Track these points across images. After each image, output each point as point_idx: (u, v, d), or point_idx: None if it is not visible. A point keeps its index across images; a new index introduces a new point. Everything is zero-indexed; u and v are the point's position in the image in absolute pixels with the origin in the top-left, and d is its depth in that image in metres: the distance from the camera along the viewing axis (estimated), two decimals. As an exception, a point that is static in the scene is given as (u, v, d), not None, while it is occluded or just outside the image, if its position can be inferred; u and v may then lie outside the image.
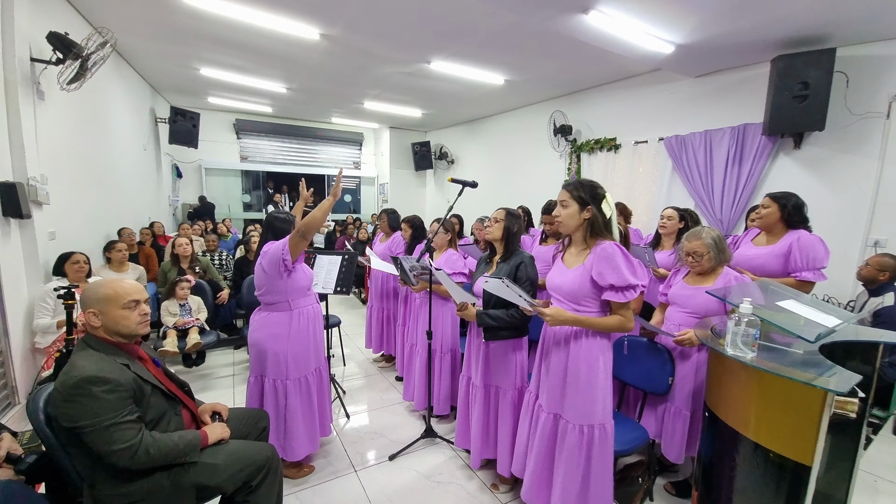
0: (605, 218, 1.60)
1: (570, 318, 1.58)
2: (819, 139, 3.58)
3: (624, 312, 1.57)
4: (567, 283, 1.64)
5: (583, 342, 1.62)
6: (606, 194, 1.63)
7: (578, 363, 1.61)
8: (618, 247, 1.55)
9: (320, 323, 2.27)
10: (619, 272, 1.50)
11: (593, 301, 1.61)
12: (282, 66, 5.07)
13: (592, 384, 1.60)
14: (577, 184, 1.62)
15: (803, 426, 1.12)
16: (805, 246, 2.21)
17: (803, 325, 1.28)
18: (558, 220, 1.66)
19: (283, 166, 9.44)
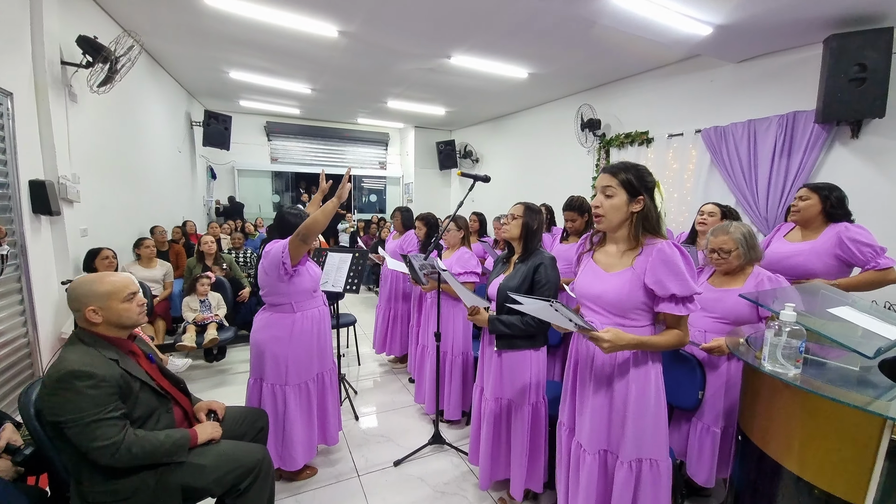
0: (658, 211, 1.32)
1: (632, 341, 1.27)
2: (880, 127, 3.18)
3: (683, 327, 1.30)
4: (611, 291, 1.34)
5: (637, 370, 1.35)
6: (658, 182, 1.34)
7: (631, 392, 1.35)
8: (677, 247, 1.26)
9: (327, 325, 2.19)
10: (682, 280, 1.22)
11: (644, 314, 1.33)
12: (305, 66, 5.12)
13: (648, 415, 1.34)
14: (623, 167, 1.32)
15: (856, 458, 0.91)
16: (859, 235, 1.99)
17: (860, 336, 1.07)
18: (599, 213, 1.34)
19: (312, 167, 9.62)
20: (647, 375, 1.34)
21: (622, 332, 1.27)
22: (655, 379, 1.36)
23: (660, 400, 1.36)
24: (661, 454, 1.36)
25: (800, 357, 1.02)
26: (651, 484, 1.35)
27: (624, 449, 1.35)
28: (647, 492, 1.34)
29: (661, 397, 1.37)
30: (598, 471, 1.40)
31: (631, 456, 1.35)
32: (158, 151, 5.30)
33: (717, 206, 2.79)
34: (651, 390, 1.34)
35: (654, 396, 1.35)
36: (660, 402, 1.36)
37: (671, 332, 1.31)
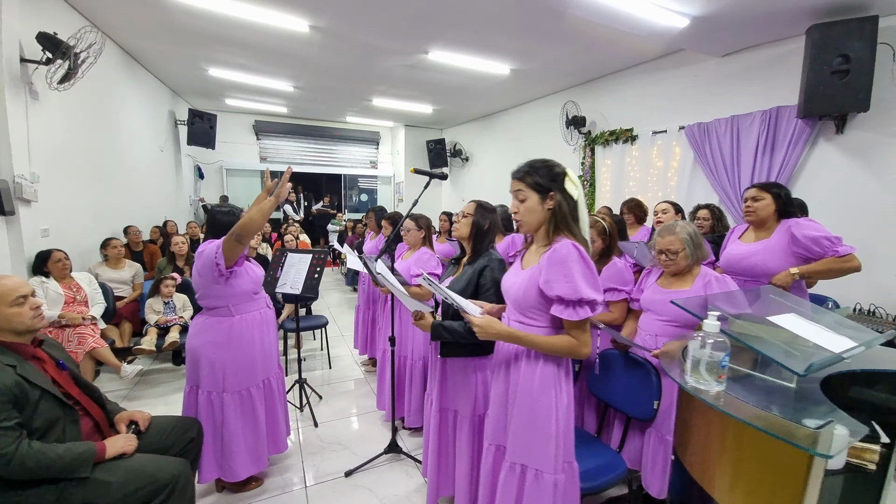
0: (574, 202, 1.27)
1: (504, 332, 1.26)
2: (865, 122, 3.06)
3: (577, 334, 1.21)
4: (514, 287, 1.32)
5: (522, 366, 1.30)
6: (568, 171, 1.28)
7: (517, 390, 1.31)
8: (575, 248, 1.20)
9: (271, 329, 2.09)
10: (570, 281, 1.17)
11: (542, 314, 1.27)
12: (284, 62, 5.03)
13: (528, 418, 1.28)
14: (527, 168, 1.28)
15: (784, 492, 0.80)
16: (811, 228, 1.93)
17: (796, 348, 0.96)
18: (517, 218, 1.31)
19: (303, 166, 9.53)
20: (536, 376, 1.27)
21: (496, 322, 1.27)
22: (545, 382, 1.26)
23: (548, 406, 1.26)
24: (547, 466, 1.26)
25: (723, 372, 0.91)
26: (532, 496, 1.26)
27: (511, 447, 1.32)
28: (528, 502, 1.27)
29: (552, 404, 1.26)
30: (491, 463, 1.39)
31: (516, 458, 1.30)
32: (137, 150, 5.22)
33: (670, 204, 2.69)
34: (537, 392, 1.26)
35: (542, 400, 1.26)
36: (547, 408, 1.26)
37: (561, 337, 1.23)
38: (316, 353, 4.05)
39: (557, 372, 1.28)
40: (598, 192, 5.33)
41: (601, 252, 2.15)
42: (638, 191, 4.72)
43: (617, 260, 2.12)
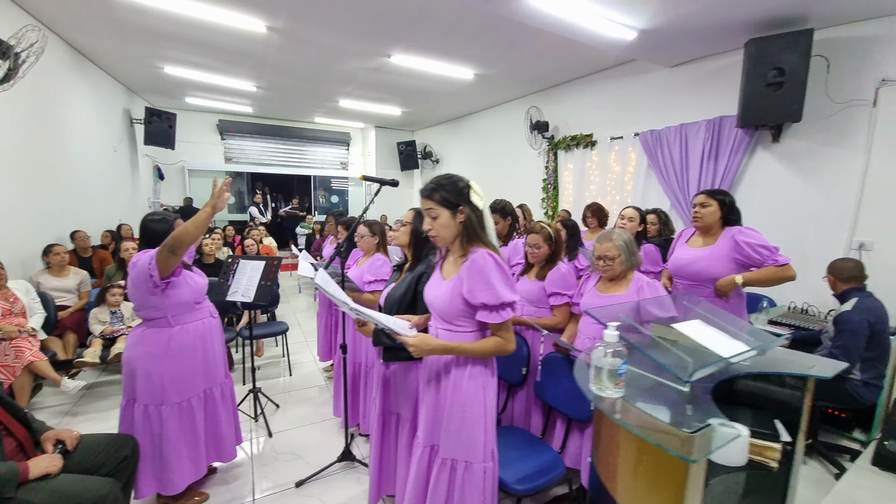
0: (480, 211, 1.34)
1: (438, 346, 1.31)
2: (799, 131, 3.27)
3: (503, 334, 1.31)
4: (439, 297, 1.38)
5: (452, 373, 1.36)
6: (471, 183, 1.36)
7: (455, 398, 1.36)
8: (490, 256, 1.29)
9: (215, 339, 2.04)
10: (491, 289, 1.25)
11: (468, 320, 1.35)
12: (243, 62, 4.91)
13: (460, 416, 1.35)
14: (433, 185, 1.35)
15: (667, 492, 0.86)
16: (752, 237, 2.05)
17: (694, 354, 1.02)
18: (432, 234, 1.38)
19: (271, 167, 9.33)
20: (464, 379, 1.35)
21: (430, 338, 1.33)
22: (473, 384, 1.34)
23: (477, 404, 1.35)
24: (476, 457, 1.36)
25: (620, 380, 0.97)
26: (464, 485, 1.35)
27: (444, 445, 1.38)
28: (460, 491, 1.35)
29: (481, 402, 1.35)
30: (426, 463, 1.44)
31: (448, 454, 1.37)
32: (86, 150, 4.97)
33: (636, 211, 2.79)
34: (467, 393, 1.34)
35: (471, 399, 1.35)
36: (476, 405, 1.35)
37: (490, 339, 1.32)
38: (278, 360, 3.98)
39: (484, 371, 1.37)
40: (562, 195, 5.46)
41: (547, 257, 2.21)
42: (598, 194, 4.86)
43: (561, 265, 2.19)
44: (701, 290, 2.22)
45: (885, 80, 2.88)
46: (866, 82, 2.96)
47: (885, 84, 2.89)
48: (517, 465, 1.68)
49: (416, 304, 1.70)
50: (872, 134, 2.96)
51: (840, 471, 2.32)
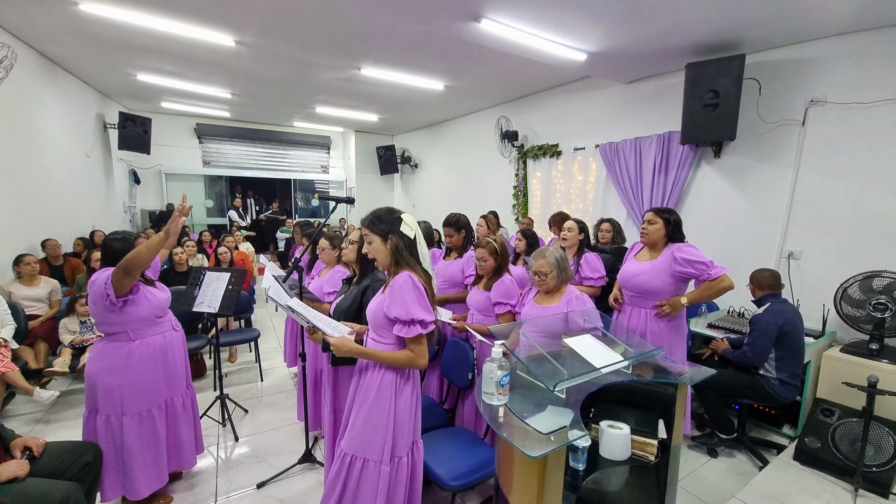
0: (410, 240, 1.52)
1: (354, 349, 1.50)
2: (737, 148, 3.52)
3: (414, 348, 1.46)
4: (371, 311, 1.57)
5: (368, 374, 1.54)
6: (403, 215, 1.55)
7: (364, 398, 1.53)
8: (410, 278, 1.46)
9: (176, 351, 2.15)
10: (404, 305, 1.42)
11: (388, 333, 1.51)
12: (215, 71, 4.98)
13: (365, 416, 1.51)
14: (372, 218, 1.55)
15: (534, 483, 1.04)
16: (688, 253, 2.23)
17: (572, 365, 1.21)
18: (370, 257, 1.57)
19: (250, 171, 9.34)
20: (376, 382, 1.51)
21: (348, 341, 1.52)
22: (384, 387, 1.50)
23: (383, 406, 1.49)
24: (374, 456, 1.50)
25: (503, 389, 1.15)
26: (359, 481, 1.50)
27: (346, 440, 1.54)
28: (354, 487, 1.50)
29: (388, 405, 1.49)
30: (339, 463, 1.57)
31: (349, 450, 1.52)
32: (57, 156, 4.98)
33: (575, 223, 2.99)
34: (375, 396, 1.50)
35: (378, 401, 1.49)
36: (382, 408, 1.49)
37: (402, 352, 1.48)
38: (250, 365, 4.09)
39: (397, 379, 1.53)
40: (531, 202, 5.67)
41: (493, 270, 2.40)
42: (563, 202, 5.08)
43: (506, 277, 2.37)
44: (643, 301, 2.41)
45: (814, 101, 3.14)
46: (796, 103, 3.22)
47: (813, 104, 3.15)
48: (454, 464, 1.85)
49: (361, 314, 1.86)
50: (801, 151, 3.22)
51: (764, 464, 2.55)
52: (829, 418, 2.49)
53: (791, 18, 2.82)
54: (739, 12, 2.77)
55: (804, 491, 2.25)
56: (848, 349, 2.74)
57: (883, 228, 2.84)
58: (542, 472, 1.00)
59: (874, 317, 2.60)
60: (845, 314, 2.75)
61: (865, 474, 2.13)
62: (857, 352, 2.69)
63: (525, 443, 0.95)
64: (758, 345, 2.40)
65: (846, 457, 2.29)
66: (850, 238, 2.98)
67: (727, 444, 2.69)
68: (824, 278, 3.01)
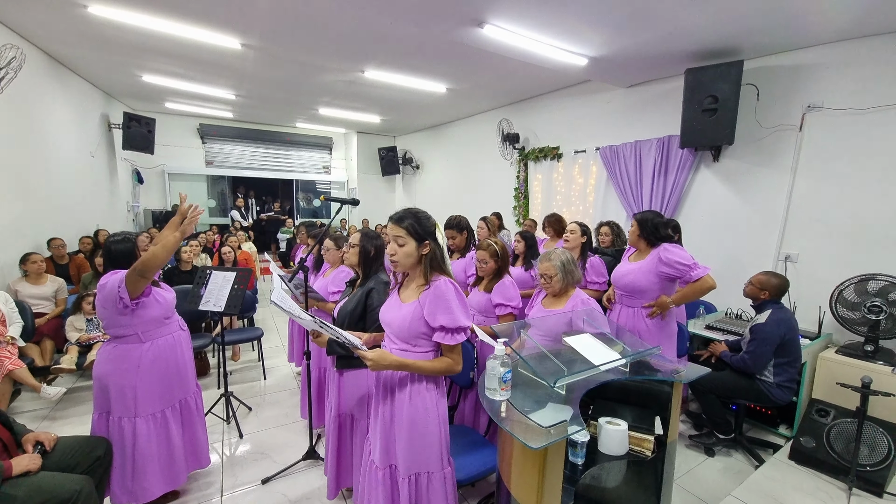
0: (440, 249, 1.49)
1: (394, 362, 1.40)
2: (735, 152, 3.57)
3: (453, 356, 1.43)
4: (398, 319, 1.49)
5: (408, 388, 1.48)
6: (437, 223, 1.53)
7: (408, 413, 1.47)
8: (452, 284, 1.43)
9: (185, 350, 2.19)
10: (450, 313, 1.38)
11: (426, 342, 1.46)
12: (221, 73, 5.04)
13: (421, 432, 1.47)
14: (406, 214, 1.47)
15: (534, 476, 1.08)
16: (672, 254, 2.30)
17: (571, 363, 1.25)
18: (394, 259, 1.49)
19: (253, 171, 9.39)
20: (420, 394, 1.46)
21: (387, 354, 1.41)
22: (428, 398, 1.47)
23: (432, 417, 1.47)
24: (436, 466, 1.49)
25: (505, 385, 1.19)
26: (430, 494, 1.50)
27: (404, 463, 1.49)
28: (427, 501, 1.50)
29: (435, 415, 1.47)
30: (389, 485, 1.54)
31: (411, 470, 1.48)
32: (63, 156, 5.03)
33: (578, 225, 3.03)
34: (422, 409, 1.46)
35: (426, 414, 1.46)
36: (431, 419, 1.47)
37: (442, 360, 1.44)
38: (253, 364, 4.13)
39: (437, 388, 1.51)
40: (532, 204, 5.72)
41: (494, 272, 2.44)
42: (564, 204, 5.13)
43: (506, 279, 2.42)
44: (632, 300, 2.48)
45: (811, 106, 3.18)
46: (793, 108, 3.27)
47: (810, 110, 3.19)
48: (457, 460, 1.89)
49: (366, 317, 1.91)
50: (798, 156, 3.26)
51: (760, 463, 2.58)
52: (824, 418, 2.53)
53: (788, 26, 2.87)
54: (738, 20, 2.82)
55: (799, 490, 2.29)
56: (843, 351, 2.79)
57: (878, 232, 2.88)
58: (542, 464, 1.04)
59: (869, 319, 2.65)
60: (840, 316, 2.79)
61: (860, 473, 2.17)
62: (853, 353, 2.73)
63: (527, 436, 1.00)
64: (759, 353, 2.44)
65: (841, 456, 2.33)
66: (846, 241, 3.02)
67: (724, 443, 2.73)
68: (820, 281, 3.06)
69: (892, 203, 2.82)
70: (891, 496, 2.14)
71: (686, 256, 2.30)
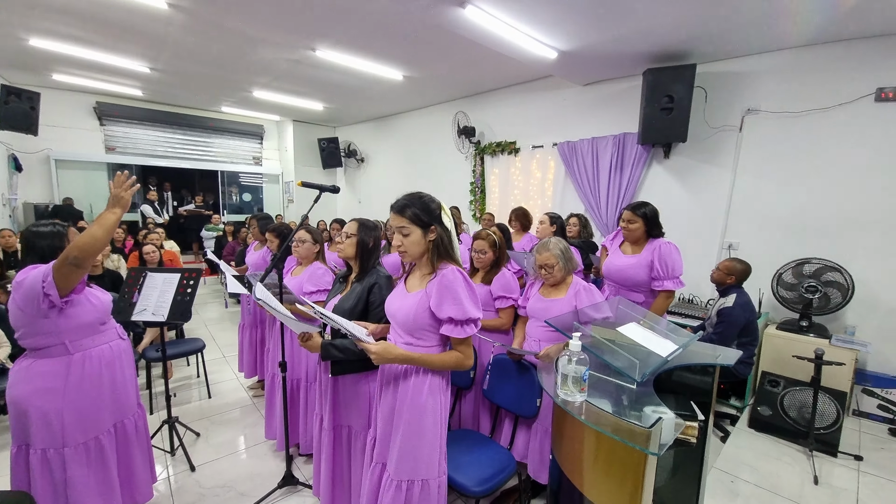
0: (448, 232, 1.38)
1: (400, 356, 1.32)
2: (684, 150, 3.86)
3: (463, 349, 1.35)
4: (402, 310, 1.39)
5: (412, 381, 1.37)
6: (442, 204, 1.41)
7: (404, 405, 1.37)
8: (460, 273, 1.33)
9: (125, 364, 1.77)
10: (459, 304, 1.28)
11: (432, 334, 1.37)
12: (135, 40, 4.24)
13: (417, 432, 1.36)
14: (407, 202, 1.36)
15: (628, 481, 1.00)
16: (664, 256, 2.32)
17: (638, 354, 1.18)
18: (401, 250, 1.38)
19: (166, 159, 8.19)
20: (423, 391, 1.35)
21: (392, 346, 1.33)
22: (430, 395, 1.36)
23: (432, 419, 1.36)
24: (433, 474, 1.39)
25: (584, 385, 1.09)
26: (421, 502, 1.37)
27: (394, 465, 1.36)
28: None
29: (437, 418, 1.37)
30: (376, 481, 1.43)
31: (403, 475, 1.35)
32: None
33: (548, 216, 3.04)
34: (422, 407, 1.35)
35: (426, 413, 1.35)
36: (431, 421, 1.36)
37: (451, 353, 1.35)
38: (192, 381, 3.56)
39: (441, 382, 1.40)
40: (489, 198, 5.71)
41: (492, 263, 2.32)
42: (522, 199, 5.19)
43: (505, 270, 2.31)
44: (629, 292, 2.50)
45: (750, 110, 3.54)
46: (735, 111, 3.61)
47: (749, 113, 3.54)
48: (474, 469, 1.74)
49: (368, 315, 1.67)
50: (738, 154, 3.61)
51: (725, 434, 2.79)
52: (776, 388, 2.82)
53: (735, 33, 3.14)
54: (695, 25, 3.02)
55: (767, 456, 2.51)
56: (783, 327, 3.14)
57: (808, 222, 3.29)
58: (643, 468, 0.94)
59: (805, 298, 3.00)
60: (781, 297, 3.14)
61: (816, 436, 2.44)
62: (791, 329, 3.09)
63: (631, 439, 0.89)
64: (726, 334, 2.63)
65: (795, 422, 2.60)
66: (781, 231, 3.42)
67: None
68: (759, 266, 3.38)
69: (821, 196, 3.24)
70: (844, 455, 2.44)
71: (675, 265, 2.32)
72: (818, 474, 2.27)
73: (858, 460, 2.42)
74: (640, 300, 2.45)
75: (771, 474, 2.34)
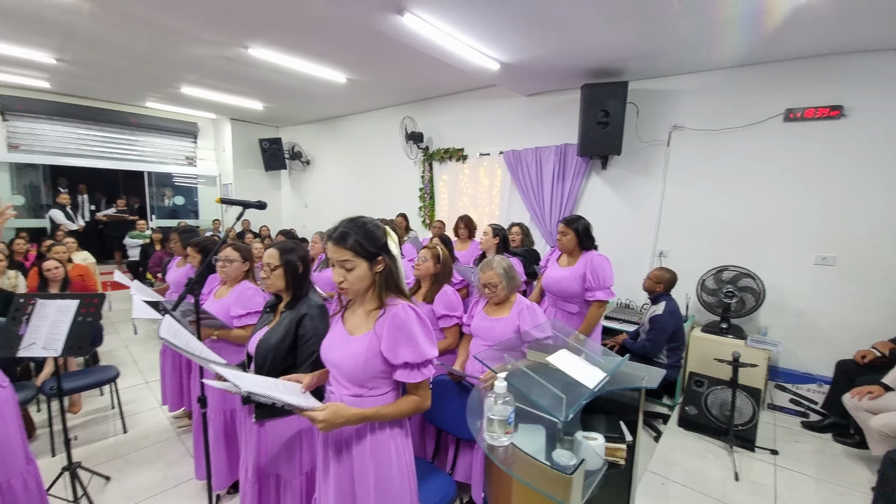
0: (396, 263, 1.23)
1: (354, 416, 1.13)
2: (619, 161, 4.05)
3: (421, 392, 1.21)
4: (349, 358, 1.20)
5: (368, 441, 1.21)
6: (387, 229, 1.24)
7: (373, 469, 1.21)
8: (412, 309, 1.19)
9: (7, 415, 1.53)
10: (415, 345, 1.15)
11: (384, 381, 1.21)
12: (36, 29, 3.73)
13: (392, 487, 1.22)
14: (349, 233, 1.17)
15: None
16: (596, 268, 2.40)
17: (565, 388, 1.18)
18: (343, 287, 1.19)
19: (80, 158, 7.34)
20: (383, 444, 1.22)
21: (343, 408, 1.13)
22: (393, 447, 1.24)
23: (402, 470, 1.25)
24: None
25: (510, 428, 1.06)
26: None
27: None
28: None
29: (402, 467, 1.26)
30: None
31: None
32: None
33: (491, 227, 3.06)
34: (387, 461, 1.22)
35: (396, 468, 1.24)
36: (402, 472, 1.25)
37: (408, 399, 1.21)
38: (106, 413, 3.18)
39: (402, 433, 1.27)
40: (438, 204, 5.67)
41: (432, 277, 2.27)
42: (470, 205, 5.20)
43: (447, 288, 2.27)
44: (565, 304, 2.56)
45: (676, 126, 3.78)
46: (663, 126, 3.84)
47: (675, 129, 3.79)
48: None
49: (297, 350, 1.55)
50: (667, 167, 3.85)
51: (657, 433, 2.94)
52: (700, 388, 3.01)
53: (665, 54, 3.33)
54: (627, 45, 3.16)
55: (693, 453, 2.68)
56: (706, 329, 3.37)
57: (728, 232, 3.57)
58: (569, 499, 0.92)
59: (724, 302, 3.25)
60: (704, 301, 3.37)
61: (735, 433, 2.63)
62: (713, 331, 3.33)
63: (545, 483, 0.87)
64: (657, 340, 2.78)
65: (717, 419, 2.80)
66: (706, 239, 3.68)
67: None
68: (686, 273, 3.63)
69: (737, 208, 3.52)
70: (761, 449, 2.65)
71: (606, 276, 2.40)
72: (738, 471, 2.45)
73: (774, 454, 2.64)
74: (575, 310, 2.53)
75: (698, 472, 2.49)
